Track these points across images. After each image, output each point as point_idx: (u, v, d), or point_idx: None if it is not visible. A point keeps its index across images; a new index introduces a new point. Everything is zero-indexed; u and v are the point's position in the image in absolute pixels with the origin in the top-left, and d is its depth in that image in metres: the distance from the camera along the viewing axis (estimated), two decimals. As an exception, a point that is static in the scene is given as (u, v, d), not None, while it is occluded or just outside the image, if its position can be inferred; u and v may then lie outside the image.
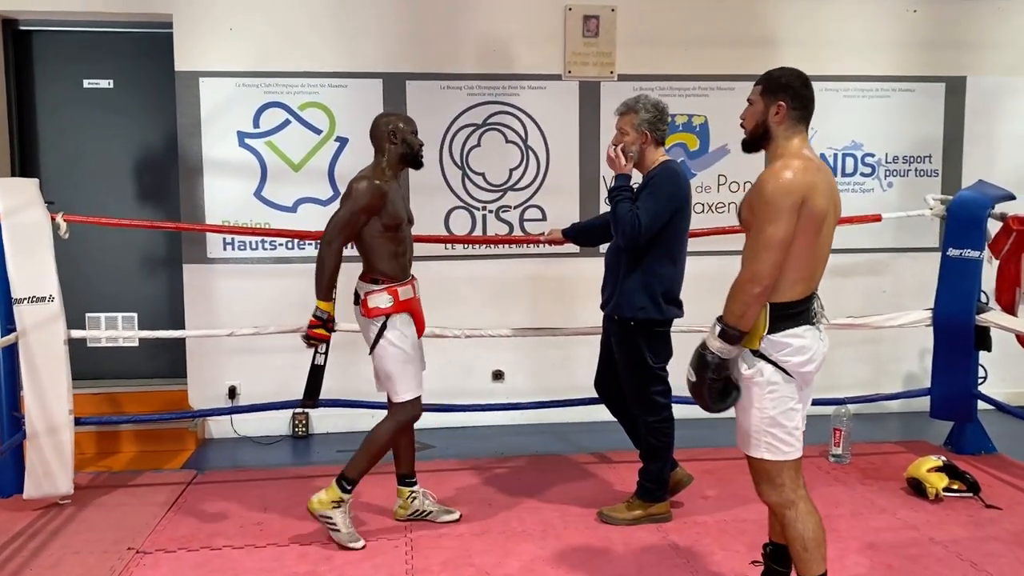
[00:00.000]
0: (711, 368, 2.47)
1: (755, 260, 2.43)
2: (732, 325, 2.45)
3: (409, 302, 3.48)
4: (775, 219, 2.40)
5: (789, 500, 2.56)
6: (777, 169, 2.46)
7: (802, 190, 2.41)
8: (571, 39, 5.12)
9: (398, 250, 3.43)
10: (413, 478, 3.72)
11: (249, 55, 4.91)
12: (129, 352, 5.21)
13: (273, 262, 5.02)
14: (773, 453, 2.54)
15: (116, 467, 4.54)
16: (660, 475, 3.67)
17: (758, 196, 2.46)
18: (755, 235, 2.45)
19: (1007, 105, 5.55)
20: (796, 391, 2.54)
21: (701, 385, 2.50)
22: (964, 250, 4.32)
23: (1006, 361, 5.03)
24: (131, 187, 5.14)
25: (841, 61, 5.36)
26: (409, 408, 3.51)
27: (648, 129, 3.51)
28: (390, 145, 3.43)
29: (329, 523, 3.45)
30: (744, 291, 2.44)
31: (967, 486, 3.94)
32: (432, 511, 3.69)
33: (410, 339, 3.46)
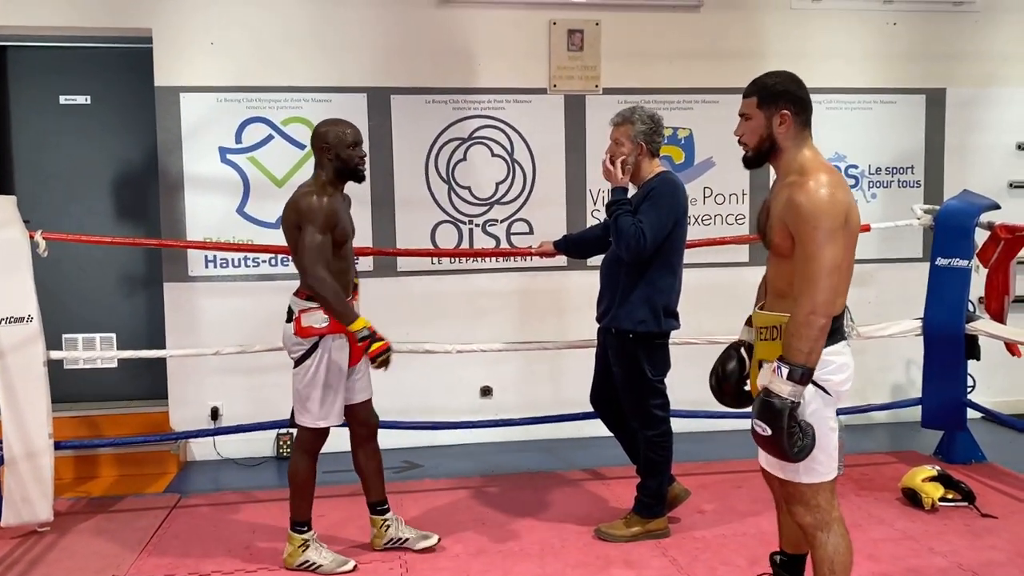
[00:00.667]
0: (786, 414, 2.26)
1: (814, 290, 2.26)
2: (801, 363, 2.27)
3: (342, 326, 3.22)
4: (828, 243, 2.26)
5: (823, 522, 2.45)
6: (811, 188, 2.29)
7: (844, 208, 2.30)
8: (556, 53, 5.11)
9: (340, 267, 3.25)
10: (385, 505, 3.54)
11: (231, 70, 4.84)
12: (108, 374, 5.08)
13: (257, 279, 4.92)
14: (812, 476, 2.42)
15: (96, 492, 4.41)
16: (659, 490, 3.62)
17: (796, 217, 2.30)
18: (807, 262, 2.28)
19: (985, 116, 5.62)
20: (834, 411, 2.45)
21: (779, 436, 2.27)
22: (953, 259, 4.35)
23: (992, 370, 5.06)
24: (110, 205, 5.03)
25: (823, 73, 5.39)
26: (312, 437, 3.31)
27: (644, 140, 3.48)
28: (327, 160, 3.26)
29: (309, 566, 3.32)
30: (810, 326, 2.27)
31: (962, 495, 3.93)
32: (409, 537, 3.52)
33: (336, 365, 3.24)
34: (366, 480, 3.51)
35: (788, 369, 2.27)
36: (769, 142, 2.43)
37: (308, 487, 3.34)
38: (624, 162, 3.45)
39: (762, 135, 2.44)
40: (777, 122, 2.41)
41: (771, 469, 2.52)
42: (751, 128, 2.46)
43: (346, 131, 3.28)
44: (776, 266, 2.48)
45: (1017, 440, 5.10)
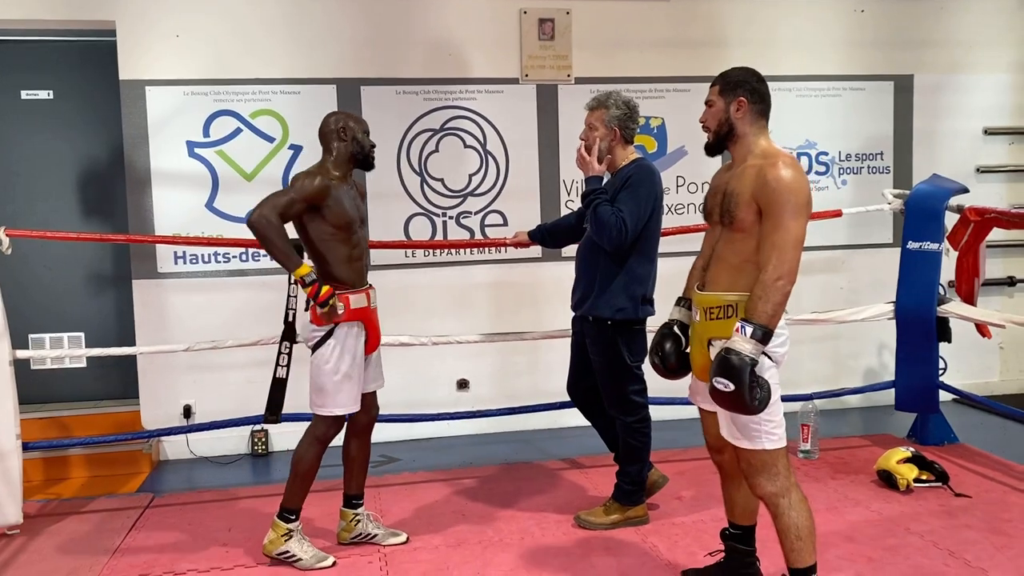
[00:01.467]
0: (747, 371, 2.39)
1: (785, 258, 2.42)
2: (764, 324, 2.42)
3: (361, 311, 3.27)
4: (796, 215, 2.43)
5: (784, 488, 2.58)
6: (780, 167, 2.46)
7: (808, 187, 2.48)
8: (527, 42, 5.09)
9: (352, 254, 3.25)
10: (360, 500, 3.51)
11: (197, 63, 4.76)
12: (76, 374, 4.99)
13: (227, 275, 4.85)
14: (773, 442, 2.56)
15: (67, 494, 4.33)
16: (639, 477, 3.62)
17: (769, 194, 2.45)
18: (773, 233, 2.44)
19: (952, 101, 5.68)
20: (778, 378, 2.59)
21: (742, 390, 2.39)
22: (924, 243, 4.39)
23: (963, 352, 5.13)
24: (75, 201, 4.94)
25: (793, 61, 5.43)
26: (327, 425, 3.28)
27: (618, 126, 3.46)
28: (339, 143, 3.26)
29: (288, 557, 3.29)
30: (776, 289, 2.42)
31: (936, 476, 3.97)
32: (377, 534, 3.49)
33: (352, 353, 3.23)
34: (350, 471, 3.48)
35: (751, 328, 2.42)
36: (727, 127, 2.64)
37: (310, 476, 3.30)
38: (599, 149, 3.42)
39: (721, 120, 2.65)
40: (735, 108, 2.62)
41: (734, 441, 2.62)
42: (712, 114, 2.68)
43: (358, 119, 3.36)
44: (731, 242, 2.60)
45: (988, 421, 5.18)
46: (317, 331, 3.22)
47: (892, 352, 4.84)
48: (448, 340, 4.37)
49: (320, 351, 3.21)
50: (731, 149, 2.66)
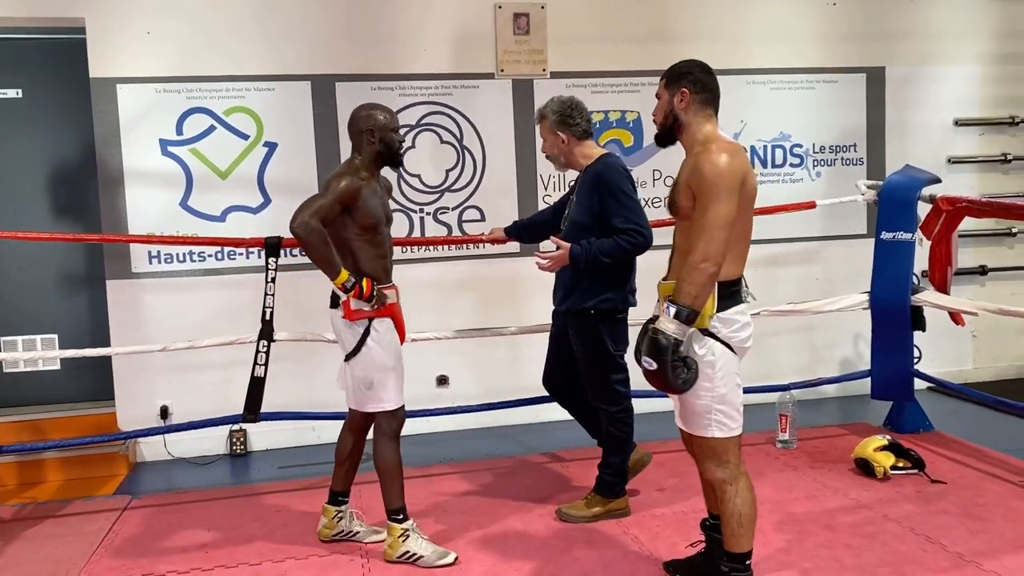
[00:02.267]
0: (670, 350, 2.46)
1: (707, 240, 2.47)
2: (688, 305, 2.47)
3: (391, 307, 3.28)
4: (722, 199, 2.47)
5: (733, 476, 2.65)
6: (713, 152, 2.52)
7: (741, 170, 2.53)
8: (502, 37, 5.08)
9: (380, 252, 3.26)
10: (346, 497, 3.51)
11: (169, 59, 4.71)
12: (50, 376, 4.93)
13: (203, 274, 4.81)
14: (723, 431, 2.63)
15: (42, 497, 4.27)
16: (621, 468, 3.64)
17: (699, 179, 2.51)
18: (701, 216, 2.50)
19: (923, 93, 5.74)
20: (739, 367, 2.64)
21: (664, 368, 2.48)
22: (897, 232, 4.43)
23: (937, 341, 5.19)
24: (46, 201, 4.87)
25: (767, 54, 5.47)
26: (393, 418, 3.28)
27: (559, 129, 3.53)
28: (368, 145, 3.24)
29: (410, 557, 3.25)
30: (699, 271, 2.46)
31: (912, 463, 4.02)
32: (359, 531, 3.48)
33: (393, 345, 3.25)
34: (340, 467, 3.47)
35: (675, 309, 2.48)
36: (672, 117, 2.68)
37: (399, 472, 3.28)
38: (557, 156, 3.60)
39: (666, 112, 2.70)
40: (678, 99, 2.66)
41: (685, 427, 2.71)
42: (659, 106, 2.74)
43: (391, 115, 3.31)
44: (682, 231, 2.68)
45: (962, 408, 5.25)
46: (353, 329, 3.21)
47: (867, 342, 4.89)
48: (427, 336, 4.35)
49: (363, 351, 3.20)
50: (681, 140, 2.70)
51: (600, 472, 3.67)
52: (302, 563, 3.30)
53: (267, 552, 3.40)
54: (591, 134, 3.61)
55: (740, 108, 5.39)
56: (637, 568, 3.16)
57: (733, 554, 2.67)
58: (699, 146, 2.60)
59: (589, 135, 3.59)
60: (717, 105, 2.68)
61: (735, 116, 5.34)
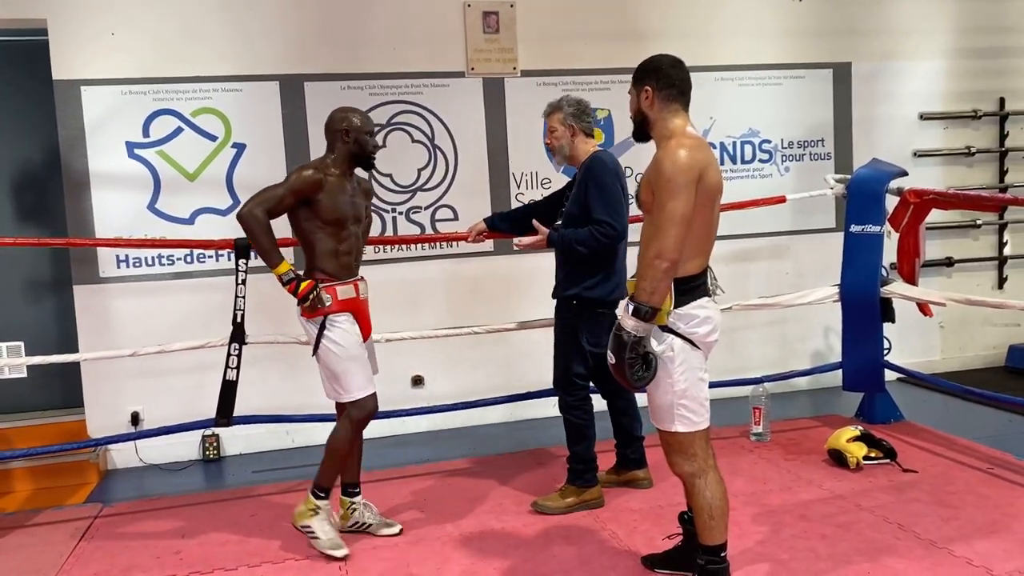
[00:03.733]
0: (628, 347, 2.49)
1: (661, 236, 2.47)
2: (644, 302, 2.48)
3: (350, 302, 3.34)
4: (676, 195, 2.47)
5: (701, 470, 2.66)
6: (672, 147, 2.52)
7: (699, 166, 2.51)
8: (472, 36, 5.07)
9: (340, 248, 3.32)
10: (357, 488, 3.56)
11: (134, 61, 4.64)
12: (16, 384, 4.81)
13: (172, 278, 4.75)
14: (687, 425, 2.63)
15: (11, 508, 4.19)
16: (586, 455, 3.70)
17: (657, 175, 2.51)
18: (658, 212, 2.50)
19: (888, 88, 5.82)
20: (703, 362, 2.64)
21: (621, 364, 2.51)
22: (866, 225, 4.49)
23: (906, 332, 5.26)
24: (10, 206, 4.80)
25: (735, 51, 5.51)
26: (361, 407, 3.34)
27: (573, 122, 3.68)
28: (341, 144, 3.33)
29: (308, 532, 3.35)
30: (653, 267, 2.47)
31: (884, 453, 4.07)
32: (372, 524, 3.52)
33: (353, 336, 3.31)
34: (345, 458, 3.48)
35: (633, 307, 2.49)
36: (640, 115, 2.69)
37: (342, 457, 3.37)
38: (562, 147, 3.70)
39: (635, 109, 2.71)
40: (643, 96, 2.66)
41: (653, 422, 2.71)
42: (631, 104, 2.75)
43: (367, 118, 3.43)
44: (646, 226, 2.65)
45: (930, 398, 5.33)
46: (312, 330, 3.29)
47: (838, 334, 4.94)
48: (402, 336, 4.33)
49: (321, 347, 3.27)
50: (652, 136, 2.70)
51: (569, 463, 3.73)
52: (278, 567, 3.27)
53: (243, 557, 3.37)
54: (593, 136, 3.78)
55: (709, 104, 5.42)
56: (615, 562, 3.17)
57: (707, 546, 2.68)
58: (663, 141, 2.61)
59: (592, 136, 3.76)
60: (687, 99, 2.66)
61: (704, 112, 5.37)
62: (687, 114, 2.67)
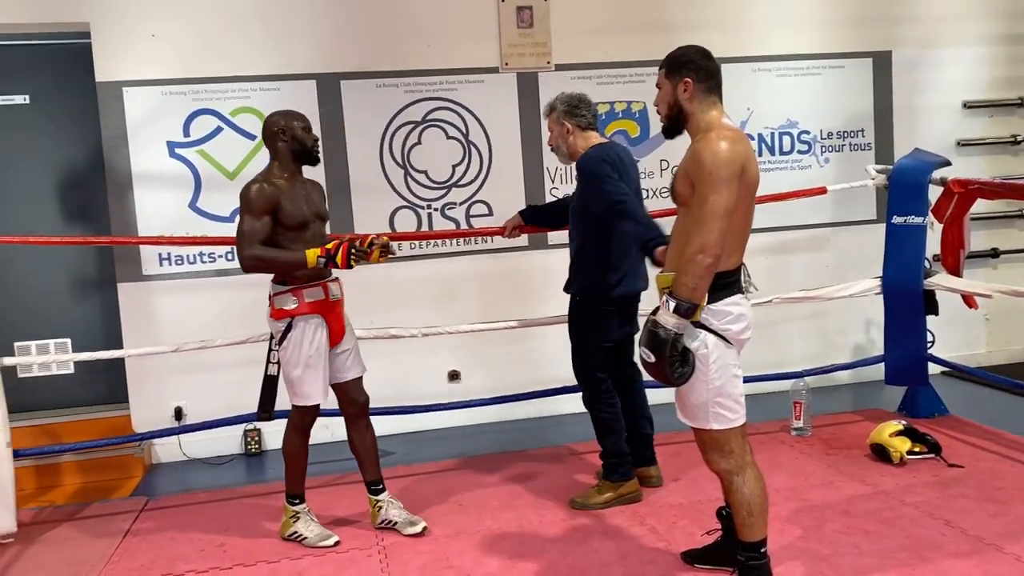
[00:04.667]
0: (668, 344, 2.44)
1: (703, 231, 2.42)
2: (686, 298, 2.43)
3: (318, 304, 3.35)
4: (719, 188, 2.42)
5: (738, 466, 2.63)
6: (712, 140, 2.47)
7: (741, 159, 2.47)
8: (506, 31, 5.07)
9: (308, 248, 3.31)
10: (379, 484, 3.58)
11: (174, 62, 4.71)
12: (64, 380, 4.95)
13: (213, 275, 4.82)
14: (722, 422, 2.60)
15: (60, 501, 4.29)
16: (617, 449, 3.69)
17: (697, 168, 2.46)
18: (699, 206, 2.45)
19: (930, 76, 5.70)
20: (736, 358, 2.60)
21: (662, 363, 2.46)
22: (908, 217, 4.41)
23: (950, 325, 5.15)
24: (57, 206, 4.89)
25: (772, 41, 5.44)
26: (300, 414, 3.45)
27: (566, 120, 3.66)
28: (281, 144, 3.36)
29: (297, 538, 3.44)
30: (695, 263, 2.42)
31: (928, 448, 4.00)
32: (397, 521, 3.52)
33: (313, 344, 3.34)
34: (360, 459, 3.58)
35: (675, 303, 2.44)
36: (677, 108, 2.63)
37: (299, 462, 3.48)
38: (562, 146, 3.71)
39: (670, 102, 2.64)
40: (681, 89, 2.60)
41: (684, 419, 2.68)
42: (662, 97, 2.68)
43: (296, 116, 3.42)
44: (680, 220, 2.64)
45: (976, 392, 5.22)
46: (278, 327, 3.37)
47: (879, 328, 4.87)
48: (436, 331, 4.36)
49: (283, 345, 3.35)
50: (687, 129, 2.65)
51: (602, 459, 3.74)
52: (320, 560, 3.31)
53: (284, 550, 3.42)
54: (595, 128, 3.73)
55: (746, 96, 5.37)
56: (655, 558, 3.16)
57: (747, 543, 2.65)
58: (700, 134, 2.56)
59: (593, 128, 3.71)
60: (720, 90, 2.63)
61: (741, 104, 5.31)
62: (722, 105, 2.63)
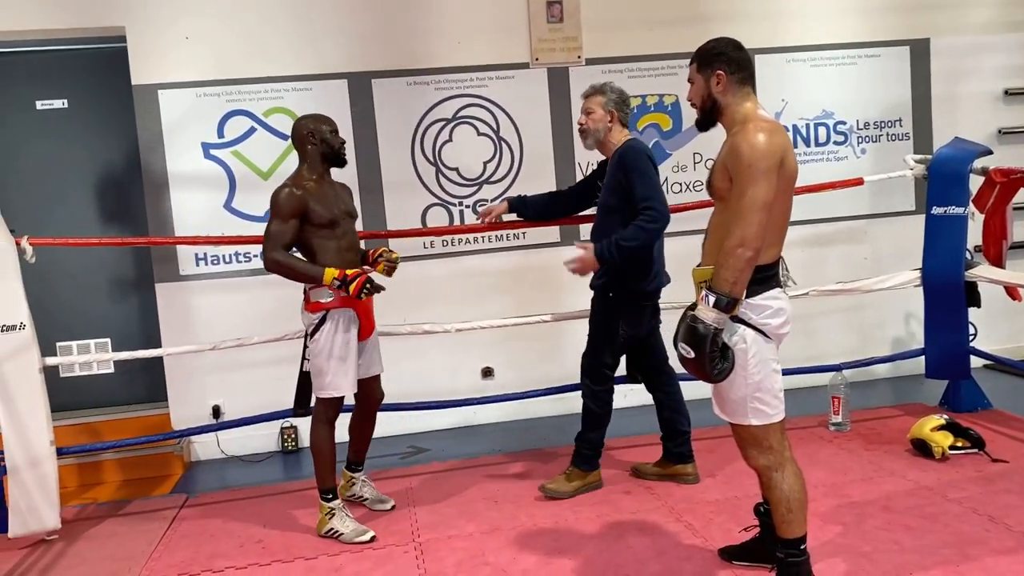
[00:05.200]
0: (708, 339, 2.41)
1: (743, 224, 2.39)
2: (726, 292, 2.41)
3: (352, 299, 3.41)
4: (757, 181, 2.40)
5: (777, 463, 2.60)
6: (750, 131, 2.45)
7: (779, 151, 2.44)
8: (536, 26, 5.05)
9: (340, 245, 3.47)
10: (360, 467, 3.87)
11: (208, 64, 4.76)
12: (104, 379, 5.03)
13: (249, 274, 4.86)
14: (761, 418, 2.57)
15: (102, 498, 4.37)
16: (598, 441, 3.79)
17: (735, 160, 2.44)
18: (738, 199, 2.43)
19: (970, 64, 5.58)
20: (775, 352, 2.57)
21: (702, 358, 2.43)
22: (948, 207, 4.33)
23: (992, 317, 5.05)
24: (94, 208, 4.97)
25: (806, 31, 5.36)
26: (326, 406, 3.52)
27: (615, 108, 3.69)
28: (310, 147, 3.46)
29: (333, 534, 3.48)
30: (736, 256, 2.39)
31: (972, 442, 3.92)
32: (368, 498, 3.80)
33: (344, 338, 3.44)
34: (354, 440, 3.81)
35: (714, 298, 2.41)
36: (711, 101, 2.61)
37: (326, 455, 3.52)
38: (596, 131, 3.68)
39: (703, 96, 2.63)
40: (714, 82, 2.58)
41: (722, 415, 2.66)
42: (695, 91, 2.67)
43: (324, 119, 3.54)
44: (717, 213, 2.62)
45: (1020, 385, 5.11)
46: (311, 319, 3.46)
47: (919, 320, 4.78)
48: (470, 326, 4.36)
49: (315, 336, 3.44)
50: (721, 122, 2.63)
51: (578, 446, 3.81)
52: (357, 556, 3.33)
53: (322, 546, 3.44)
54: (628, 126, 3.76)
55: (780, 87, 5.30)
56: (691, 554, 3.13)
57: (787, 540, 2.62)
58: (737, 126, 2.53)
59: (627, 126, 3.75)
60: (753, 81, 2.61)
61: (775, 95, 5.25)
62: (756, 96, 2.60)
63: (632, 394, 4.93)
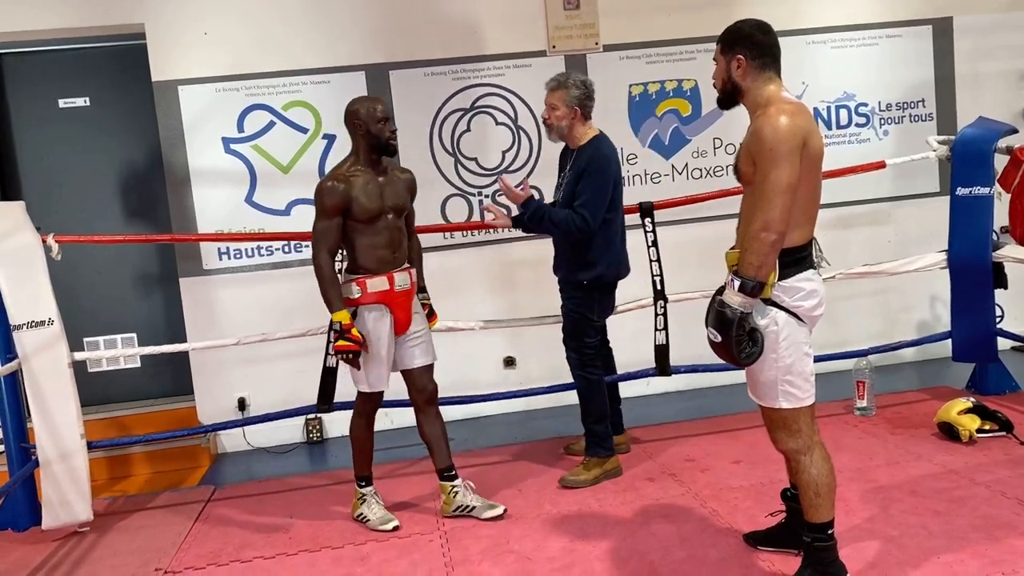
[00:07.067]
0: (735, 324, 2.41)
1: (766, 207, 2.38)
2: (751, 276, 2.40)
3: (383, 294, 3.38)
4: (780, 163, 2.39)
5: (806, 446, 2.59)
6: (772, 114, 2.43)
7: (802, 132, 2.42)
8: (552, 13, 5.03)
9: (375, 241, 3.37)
10: (451, 471, 3.57)
11: (226, 59, 4.79)
12: (131, 374, 5.10)
13: (271, 268, 4.90)
14: (791, 401, 2.56)
15: (132, 490, 4.43)
16: (602, 418, 3.82)
17: (758, 144, 2.43)
18: (761, 182, 2.42)
19: (994, 42, 5.49)
20: (807, 336, 2.56)
21: (728, 342, 2.43)
22: (974, 187, 4.27)
23: (1020, 298, 4.99)
24: (118, 205, 5.02)
25: (826, 12, 5.31)
26: (362, 400, 3.53)
27: (577, 104, 3.68)
28: (359, 136, 3.39)
29: (362, 519, 3.54)
30: (760, 240, 2.39)
31: (999, 425, 3.89)
32: (475, 506, 3.52)
33: (375, 333, 3.38)
34: (430, 446, 3.59)
35: (740, 282, 2.41)
36: (731, 84, 2.60)
37: (363, 446, 3.58)
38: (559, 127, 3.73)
39: (724, 78, 2.62)
40: (735, 66, 2.57)
41: (754, 397, 2.65)
42: (717, 72, 2.66)
43: (375, 106, 3.39)
44: (745, 198, 2.61)
45: (1049, 367, 5.04)
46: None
47: (944, 303, 4.73)
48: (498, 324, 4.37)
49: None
50: (744, 104, 2.62)
51: (588, 436, 3.84)
52: (383, 545, 3.36)
53: (348, 535, 3.47)
54: (590, 118, 3.79)
55: (801, 69, 5.24)
56: (717, 540, 3.13)
57: (814, 524, 2.61)
58: (760, 109, 2.51)
59: (589, 118, 3.77)
60: (778, 64, 2.58)
61: (796, 78, 5.18)
62: (780, 79, 2.57)
63: (655, 382, 4.94)
